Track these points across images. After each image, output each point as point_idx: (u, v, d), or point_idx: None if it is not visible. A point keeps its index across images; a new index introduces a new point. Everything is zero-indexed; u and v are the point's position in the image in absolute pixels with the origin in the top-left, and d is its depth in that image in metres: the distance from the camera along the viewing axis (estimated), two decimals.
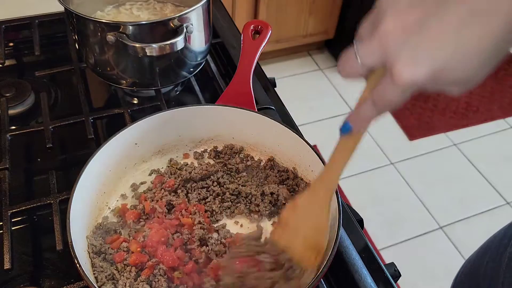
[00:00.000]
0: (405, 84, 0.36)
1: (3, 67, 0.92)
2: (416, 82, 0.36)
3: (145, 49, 0.71)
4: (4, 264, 0.59)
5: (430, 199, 2.05)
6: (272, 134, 0.70)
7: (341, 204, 0.59)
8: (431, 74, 0.35)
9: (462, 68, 0.35)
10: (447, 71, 0.35)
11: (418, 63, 0.35)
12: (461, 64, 0.35)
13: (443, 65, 0.35)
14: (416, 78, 0.36)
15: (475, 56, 0.34)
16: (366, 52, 0.39)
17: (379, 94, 0.40)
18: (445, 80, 0.36)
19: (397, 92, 0.38)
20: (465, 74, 0.36)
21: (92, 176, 0.62)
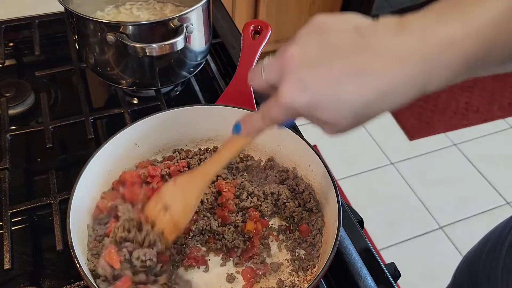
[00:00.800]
0: (284, 104, 0.41)
1: (3, 67, 0.92)
2: (293, 105, 0.41)
3: (145, 49, 0.71)
4: (4, 264, 0.60)
5: (430, 199, 2.05)
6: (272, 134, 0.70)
7: (341, 204, 0.59)
8: (306, 105, 0.40)
9: (332, 111, 0.39)
10: (320, 108, 0.40)
11: (299, 91, 0.40)
12: (332, 107, 0.39)
13: (318, 102, 0.39)
14: (294, 102, 0.40)
15: (345, 106, 0.39)
16: (268, 68, 0.44)
17: (265, 109, 0.45)
18: (318, 115, 0.40)
19: (279, 111, 0.43)
20: (333, 118, 0.40)
21: (92, 176, 0.63)
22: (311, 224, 0.64)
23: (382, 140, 2.29)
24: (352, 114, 0.39)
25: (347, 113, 0.39)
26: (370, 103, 0.38)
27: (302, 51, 0.40)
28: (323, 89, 0.39)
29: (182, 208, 0.57)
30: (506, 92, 2.57)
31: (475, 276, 0.81)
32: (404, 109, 2.42)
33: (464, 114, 2.44)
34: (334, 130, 0.43)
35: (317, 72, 0.39)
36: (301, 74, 0.40)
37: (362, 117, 0.40)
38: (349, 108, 0.39)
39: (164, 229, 0.57)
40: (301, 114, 0.42)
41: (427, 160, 2.22)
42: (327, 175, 0.62)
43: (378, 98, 0.38)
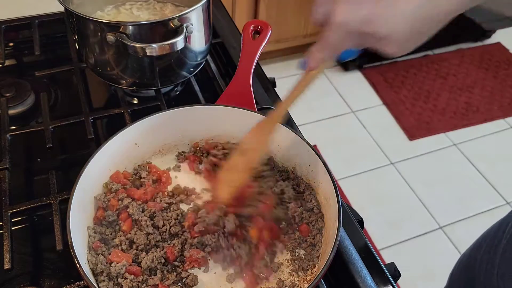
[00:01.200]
0: (337, 25, 0.44)
1: (3, 67, 0.92)
2: (348, 22, 0.43)
3: (145, 49, 0.71)
4: (4, 264, 0.60)
5: (430, 199, 2.05)
6: None
7: (341, 204, 0.59)
8: (360, 19, 0.43)
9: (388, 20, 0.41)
10: (375, 20, 0.42)
11: (348, 8, 0.43)
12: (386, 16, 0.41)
13: (371, 14, 0.42)
14: (348, 19, 0.43)
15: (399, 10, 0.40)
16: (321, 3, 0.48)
17: (323, 36, 0.48)
18: (373, 28, 0.42)
19: (334, 34, 0.46)
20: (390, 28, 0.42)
21: (92, 176, 0.63)
22: (311, 225, 0.64)
23: (382, 140, 2.29)
24: (405, 18, 0.41)
25: (398, 19, 0.41)
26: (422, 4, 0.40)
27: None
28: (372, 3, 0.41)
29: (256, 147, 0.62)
30: (506, 92, 2.57)
31: (472, 273, 0.81)
32: (404, 109, 2.42)
33: (464, 114, 2.44)
34: (394, 46, 0.44)
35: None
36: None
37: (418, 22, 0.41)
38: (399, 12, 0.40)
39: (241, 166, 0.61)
40: (356, 31, 0.44)
41: (427, 160, 2.22)
42: (327, 175, 0.62)
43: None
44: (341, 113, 2.41)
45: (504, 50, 2.82)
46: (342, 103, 2.47)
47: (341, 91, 2.54)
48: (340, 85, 2.56)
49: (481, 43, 2.87)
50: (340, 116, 2.40)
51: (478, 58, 2.75)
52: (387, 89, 2.53)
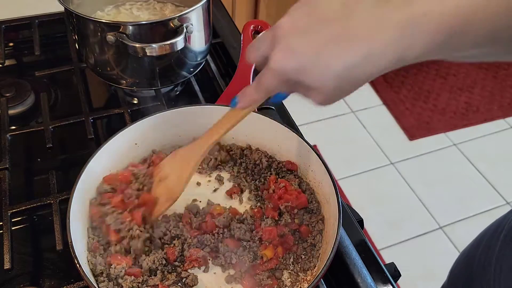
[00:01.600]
0: (274, 69, 0.45)
1: (3, 67, 0.92)
2: (282, 70, 0.44)
3: (145, 49, 0.71)
4: (4, 264, 0.60)
5: (430, 199, 2.05)
6: (272, 134, 0.70)
7: (341, 204, 0.59)
8: (294, 68, 0.43)
9: (317, 74, 0.42)
10: (306, 72, 0.43)
11: (288, 55, 0.43)
12: (317, 70, 0.42)
13: (304, 65, 0.43)
14: (283, 66, 0.44)
15: (329, 68, 0.42)
16: (261, 40, 0.47)
17: (259, 77, 0.48)
18: (304, 79, 0.43)
19: (270, 77, 0.46)
20: (318, 81, 0.43)
21: (92, 176, 0.63)
22: (312, 225, 0.64)
23: (382, 140, 2.29)
24: (335, 76, 0.42)
25: (331, 75, 0.42)
26: (352, 65, 0.41)
27: (292, 20, 0.44)
28: (309, 53, 0.42)
29: (176, 178, 0.60)
30: (506, 92, 2.57)
31: (470, 270, 0.81)
32: (404, 109, 2.42)
33: (464, 114, 2.44)
34: (321, 97, 0.45)
35: (305, 39, 0.42)
36: (290, 41, 0.43)
37: (345, 81, 0.43)
38: (333, 70, 0.42)
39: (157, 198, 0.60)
40: (291, 79, 0.45)
41: (427, 160, 2.22)
42: (327, 175, 0.62)
43: (359, 61, 0.41)
44: (341, 113, 2.41)
45: None
46: (342, 103, 2.47)
47: None
48: None
49: None
50: (340, 116, 2.40)
51: None
52: (387, 89, 2.53)
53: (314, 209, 0.66)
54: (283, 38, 0.44)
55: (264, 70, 0.46)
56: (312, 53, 0.42)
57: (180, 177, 0.60)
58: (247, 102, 0.52)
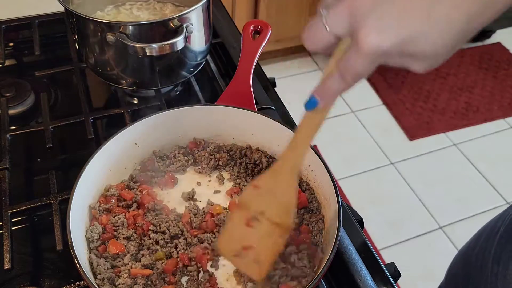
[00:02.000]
0: (369, 51, 0.36)
1: (3, 67, 0.92)
2: (381, 50, 0.35)
3: (145, 49, 0.71)
4: (4, 264, 0.60)
5: (430, 199, 2.05)
6: (272, 134, 0.70)
7: (341, 204, 0.59)
8: (397, 43, 0.35)
9: (430, 41, 0.34)
10: (414, 42, 0.35)
11: (384, 31, 0.35)
12: (429, 36, 0.34)
13: (411, 36, 0.34)
14: (381, 46, 0.35)
15: (444, 30, 0.34)
16: (334, 19, 0.37)
17: (345, 65, 0.38)
18: (412, 51, 0.35)
19: (363, 61, 0.37)
20: (432, 48, 0.35)
21: (92, 176, 0.63)
22: (312, 225, 0.64)
23: (382, 140, 2.29)
24: (454, 35, 0.35)
25: (449, 36, 0.34)
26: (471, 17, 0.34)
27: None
28: (413, 18, 0.34)
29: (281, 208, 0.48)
30: (506, 92, 2.57)
31: (467, 270, 0.81)
32: (404, 109, 2.42)
33: (464, 114, 2.44)
34: (429, 63, 0.37)
35: (398, 3, 0.34)
36: (378, 12, 0.34)
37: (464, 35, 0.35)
38: (451, 30, 0.34)
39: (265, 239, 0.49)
40: (392, 55, 0.36)
41: (427, 160, 2.22)
42: (327, 175, 0.62)
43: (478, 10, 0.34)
44: (341, 113, 2.41)
45: (504, 50, 2.82)
46: (342, 103, 2.47)
47: None
48: None
49: (481, 43, 2.87)
50: (340, 116, 2.40)
51: (478, 58, 2.75)
52: (387, 89, 2.53)
53: (314, 208, 0.66)
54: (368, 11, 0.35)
55: (353, 55, 0.37)
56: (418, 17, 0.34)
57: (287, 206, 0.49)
58: (332, 97, 0.42)
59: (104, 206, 0.64)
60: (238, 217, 0.50)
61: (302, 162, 0.50)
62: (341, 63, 0.39)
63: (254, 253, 0.49)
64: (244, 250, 0.49)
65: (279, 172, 0.49)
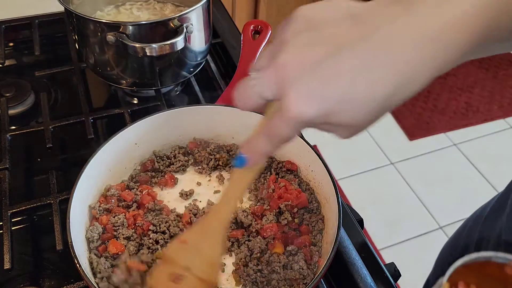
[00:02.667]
0: (292, 119, 0.36)
1: (3, 67, 0.92)
2: (303, 118, 0.35)
3: (145, 49, 0.71)
4: (4, 264, 0.60)
5: (430, 199, 2.05)
6: None
7: (341, 204, 0.59)
8: (320, 113, 0.35)
9: (351, 113, 0.35)
10: (336, 112, 0.35)
11: (308, 100, 0.35)
12: (350, 108, 0.35)
13: (333, 107, 0.35)
14: (305, 113, 0.35)
15: (364, 103, 0.34)
16: (263, 83, 0.38)
17: (270, 128, 0.39)
18: (334, 120, 0.36)
19: (286, 127, 0.37)
20: (353, 121, 0.36)
21: (92, 176, 0.63)
22: (312, 225, 0.64)
23: (382, 140, 2.29)
24: (373, 110, 0.35)
25: (368, 110, 0.35)
26: (390, 94, 0.34)
27: (297, 53, 0.36)
28: (335, 91, 0.34)
29: (207, 264, 0.48)
30: (506, 92, 2.57)
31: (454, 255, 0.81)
32: (404, 109, 2.42)
33: (464, 114, 2.44)
34: (350, 132, 0.38)
35: (323, 74, 0.34)
36: (304, 81, 0.35)
37: (383, 110, 0.36)
38: (370, 104, 0.35)
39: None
40: (314, 123, 0.37)
41: (427, 160, 2.22)
42: (327, 175, 0.62)
43: (398, 88, 0.34)
44: None
45: None
46: None
47: None
48: None
49: None
50: None
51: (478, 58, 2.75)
52: None
53: (314, 208, 0.66)
54: (294, 79, 0.35)
55: (278, 120, 0.37)
56: (339, 90, 0.34)
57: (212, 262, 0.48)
58: (260, 157, 0.42)
59: (104, 206, 0.63)
60: (164, 272, 0.48)
61: (230, 218, 0.50)
62: (267, 126, 0.39)
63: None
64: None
65: (207, 228, 0.49)
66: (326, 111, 0.35)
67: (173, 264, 0.48)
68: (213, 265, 0.48)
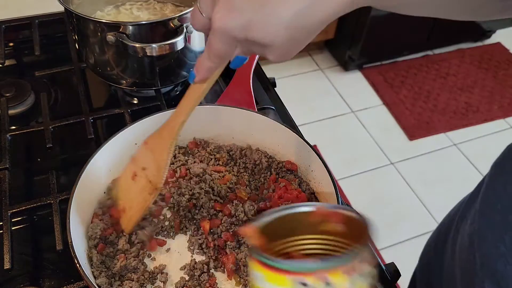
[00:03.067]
0: (217, 30, 0.41)
1: (3, 67, 0.92)
2: (225, 29, 0.41)
3: (145, 49, 0.71)
4: (4, 264, 0.60)
5: (430, 199, 2.05)
6: (272, 134, 0.70)
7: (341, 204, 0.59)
8: (238, 25, 0.40)
9: (264, 28, 0.39)
10: (252, 27, 0.40)
11: (229, 12, 0.40)
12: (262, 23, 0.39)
13: (249, 20, 0.39)
14: (226, 24, 0.40)
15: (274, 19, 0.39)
16: (202, 2, 0.43)
17: (207, 44, 0.44)
18: (252, 35, 0.40)
19: (216, 40, 0.42)
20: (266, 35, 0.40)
21: (92, 176, 0.62)
22: None
23: (382, 140, 2.29)
24: (285, 26, 0.39)
25: (280, 26, 0.39)
26: (300, 11, 0.39)
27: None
28: (251, 6, 0.39)
29: (156, 167, 0.56)
30: (506, 92, 2.57)
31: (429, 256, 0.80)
32: (404, 109, 2.42)
33: (464, 114, 2.44)
34: (277, 52, 0.42)
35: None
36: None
37: (297, 30, 0.40)
38: (281, 19, 0.39)
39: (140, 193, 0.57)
40: (238, 38, 0.41)
41: (427, 160, 2.22)
42: (327, 175, 0.62)
43: (308, 5, 0.38)
44: (341, 113, 2.41)
45: (504, 50, 2.83)
46: (342, 103, 2.47)
47: (341, 91, 2.54)
48: (340, 85, 2.56)
49: (481, 43, 2.87)
50: (340, 116, 2.40)
51: (478, 58, 2.75)
52: (387, 89, 2.53)
53: None
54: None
55: (210, 34, 0.43)
56: (256, 4, 0.39)
57: (159, 166, 0.56)
58: (204, 73, 0.48)
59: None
60: (129, 169, 0.59)
61: (181, 128, 0.56)
62: (207, 42, 0.45)
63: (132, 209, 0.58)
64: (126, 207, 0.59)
65: (161, 134, 0.56)
66: (242, 25, 0.40)
67: (136, 163, 0.58)
68: (159, 168, 0.55)
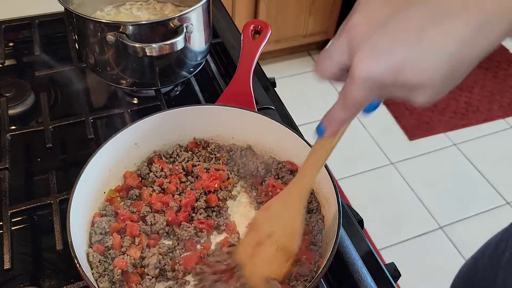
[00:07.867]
0: (361, 78, 0.36)
1: (3, 67, 0.92)
2: (372, 77, 0.35)
3: (145, 49, 0.71)
4: (4, 264, 0.59)
5: (430, 199, 2.05)
6: (272, 134, 0.70)
7: (341, 204, 0.59)
8: (387, 71, 0.35)
9: (420, 68, 0.34)
10: (407, 67, 0.34)
11: (375, 58, 0.35)
12: (421, 61, 0.34)
13: (402, 61, 0.34)
14: (372, 72, 0.35)
15: (436, 53, 0.33)
16: (334, 49, 0.38)
17: (343, 92, 0.39)
18: (403, 80, 0.35)
19: (357, 88, 0.37)
20: (424, 75, 0.34)
21: (92, 176, 0.63)
22: (311, 225, 0.64)
23: (382, 140, 2.29)
24: (445, 61, 0.34)
25: (439, 63, 0.34)
26: (465, 40, 0.33)
27: (365, 15, 0.36)
28: (404, 45, 0.34)
29: (288, 232, 0.51)
30: (506, 92, 2.57)
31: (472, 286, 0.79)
32: (404, 109, 2.42)
33: (464, 114, 2.44)
34: (428, 94, 0.36)
35: (390, 31, 0.34)
36: (372, 40, 0.35)
37: (458, 64, 0.34)
38: (441, 54, 0.33)
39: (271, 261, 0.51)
40: (386, 84, 0.36)
41: (427, 160, 2.22)
42: (327, 175, 0.62)
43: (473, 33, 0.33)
44: None
45: (504, 50, 2.83)
46: None
47: None
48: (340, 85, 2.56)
49: None
50: None
51: None
52: None
53: (314, 208, 0.66)
54: (363, 40, 0.35)
55: (349, 83, 0.38)
56: (409, 43, 0.33)
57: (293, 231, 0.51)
58: (336, 125, 0.42)
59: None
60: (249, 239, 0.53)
61: (310, 189, 0.52)
62: (341, 92, 0.40)
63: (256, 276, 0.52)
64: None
65: (288, 198, 0.51)
66: (394, 67, 0.34)
67: (258, 231, 0.52)
68: (293, 234, 0.51)
